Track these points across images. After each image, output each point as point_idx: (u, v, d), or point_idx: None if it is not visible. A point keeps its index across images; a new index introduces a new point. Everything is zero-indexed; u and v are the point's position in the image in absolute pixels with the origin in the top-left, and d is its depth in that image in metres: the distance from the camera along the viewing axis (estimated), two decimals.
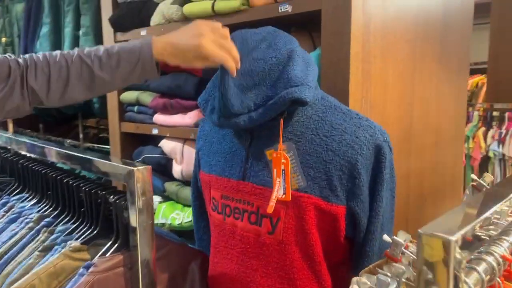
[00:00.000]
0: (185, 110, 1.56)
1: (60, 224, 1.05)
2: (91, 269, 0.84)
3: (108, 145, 2.02)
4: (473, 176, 1.03)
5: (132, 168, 0.83)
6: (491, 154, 3.27)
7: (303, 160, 0.83)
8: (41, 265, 0.90)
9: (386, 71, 1.21)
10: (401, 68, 1.27)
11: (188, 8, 1.40)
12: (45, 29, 2.18)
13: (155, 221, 1.58)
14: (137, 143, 1.89)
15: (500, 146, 3.22)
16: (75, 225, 1.02)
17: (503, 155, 3.21)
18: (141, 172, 0.83)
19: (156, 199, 1.73)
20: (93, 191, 0.98)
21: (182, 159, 1.61)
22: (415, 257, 0.70)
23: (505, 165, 3.23)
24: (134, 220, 0.84)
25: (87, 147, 2.52)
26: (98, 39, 1.99)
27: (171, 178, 1.70)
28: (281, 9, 1.16)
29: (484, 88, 3.90)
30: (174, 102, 1.57)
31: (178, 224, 1.55)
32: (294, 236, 0.83)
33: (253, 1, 1.24)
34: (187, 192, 1.62)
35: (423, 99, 1.42)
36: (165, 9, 1.49)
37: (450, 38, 1.54)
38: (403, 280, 0.65)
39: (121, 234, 0.89)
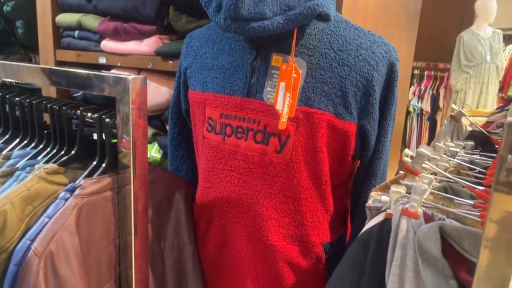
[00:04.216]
0: (141, 36, 1.40)
1: (16, 149, 0.89)
2: (77, 192, 0.72)
3: None
4: (453, 106, 1.09)
5: (126, 76, 0.72)
6: (411, 108, 3.54)
7: (316, 75, 0.78)
8: (3, 191, 0.76)
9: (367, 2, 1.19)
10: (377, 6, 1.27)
11: None
12: None
13: None
14: None
15: (419, 101, 3.50)
16: (38, 149, 0.87)
17: (421, 109, 3.50)
18: (138, 82, 0.72)
19: None
20: (64, 108, 0.84)
21: None
22: (437, 169, 0.71)
23: (422, 118, 3.53)
24: (127, 138, 0.74)
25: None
26: None
27: None
28: None
29: None
30: (128, 26, 1.40)
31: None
32: (303, 155, 0.80)
33: None
34: None
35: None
36: None
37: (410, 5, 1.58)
38: (430, 189, 0.66)
39: (108, 155, 0.78)
